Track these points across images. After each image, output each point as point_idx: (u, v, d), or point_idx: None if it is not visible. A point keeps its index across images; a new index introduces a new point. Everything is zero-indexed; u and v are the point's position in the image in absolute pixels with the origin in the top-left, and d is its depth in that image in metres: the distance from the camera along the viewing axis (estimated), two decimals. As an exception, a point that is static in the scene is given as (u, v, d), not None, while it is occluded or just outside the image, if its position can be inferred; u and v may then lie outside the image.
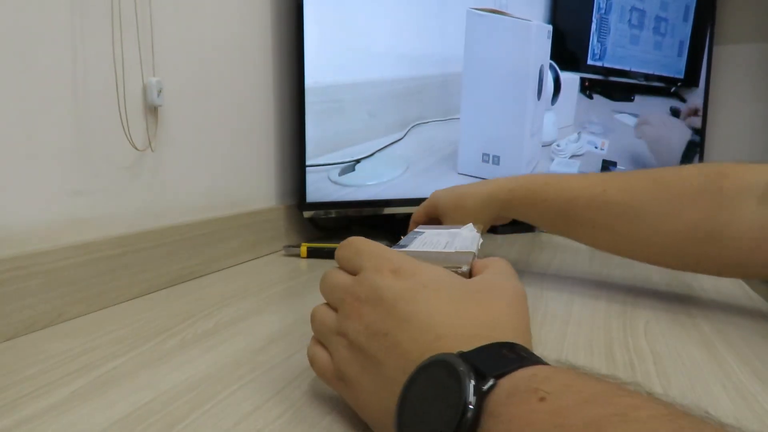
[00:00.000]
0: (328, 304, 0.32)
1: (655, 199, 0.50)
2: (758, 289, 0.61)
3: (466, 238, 0.40)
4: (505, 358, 0.22)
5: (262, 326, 0.46)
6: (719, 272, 0.50)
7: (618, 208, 0.52)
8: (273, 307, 0.52)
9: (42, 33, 0.46)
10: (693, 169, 0.51)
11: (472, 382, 0.20)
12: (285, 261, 0.73)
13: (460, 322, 0.26)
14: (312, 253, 0.76)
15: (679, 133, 1.20)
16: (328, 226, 0.93)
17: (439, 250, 0.37)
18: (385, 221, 0.97)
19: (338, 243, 0.80)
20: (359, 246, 0.32)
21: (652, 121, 1.14)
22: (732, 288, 0.60)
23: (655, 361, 0.39)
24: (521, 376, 0.21)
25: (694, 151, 1.21)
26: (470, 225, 0.48)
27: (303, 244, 0.77)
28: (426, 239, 0.41)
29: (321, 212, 0.84)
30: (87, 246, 0.49)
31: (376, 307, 0.27)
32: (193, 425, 0.29)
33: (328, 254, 0.75)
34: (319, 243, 0.78)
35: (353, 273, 0.31)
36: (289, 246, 0.78)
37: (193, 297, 0.55)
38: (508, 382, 0.20)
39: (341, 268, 0.32)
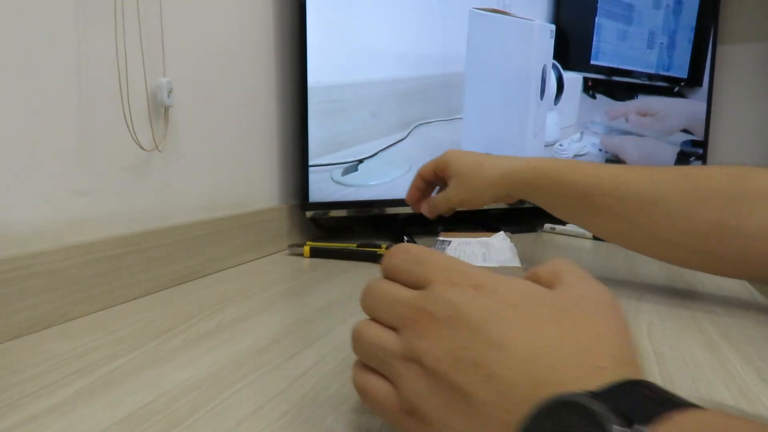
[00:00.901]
0: (375, 320, 0.27)
1: (681, 193, 0.49)
2: (762, 289, 0.61)
3: (503, 249, 0.36)
4: (647, 399, 0.19)
5: (264, 326, 0.46)
6: (737, 273, 0.49)
7: (642, 198, 0.50)
8: (275, 307, 0.52)
9: (48, 33, 0.46)
10: (717, 168, 0.49)
11: (619, 430, 0.17)
12: (288, 261, 0.73)
13: (567, 349, 0.22)
14: (315, 253, 0.76)
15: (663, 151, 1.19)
16: (331, 226, 0.93)
17: (480, 264, 0.34)
18: (388, 221, 0.97)
19: (341, 243, 0.79)
20: (421, 255, 0.27)
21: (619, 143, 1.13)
22: (735, 288, 0.60)
23: (658, 361, 0.38)
24: (679, 422, 0.17)
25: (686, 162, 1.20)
26: (501, 234, 0.44)
27: (307, 243, 0.77)
28: (457, 249, 0.38)
29: (323, 212, 0.84)
30: (90, 246, 0.49)
31: (458, 329, 0.23)
32: (195, 425, 0.29)
33: (332, 254, 0.75)
34: (322, 242, 0.78)
35: (413, 286, 0.26)
36: (294, 245, 0.78)
37: (196, 297, 0.55)
38: (663, 430, 0.17)
39: (394, 279, 0.27)
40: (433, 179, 0.68)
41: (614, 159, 1.11)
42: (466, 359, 0.22)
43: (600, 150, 1.09)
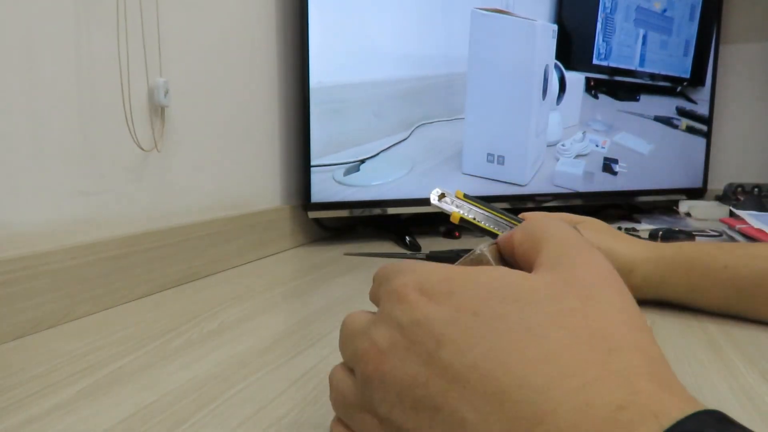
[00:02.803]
0: (345, 363, 0.22)
1: None
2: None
3: None
4: None
5: (266, 326, 0.46)
6: None
7: None
8: (278, 307, 0.52)
9: (47, 34, 0.46)
10: None
11: None
12: (290, 261, 0.73)
13: (568, 370, 0.15)
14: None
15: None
16: (333, 226, 0.93)
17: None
18: (390, 221, 0.97)
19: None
20: (388, 268, 0.21)
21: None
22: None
23: (661, 362, 0.38)
24: None
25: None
26: None
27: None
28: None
29: (326, 212, 0.84)
30: (93, 246, 0.49)
31: (406, 360, 0.17)
32: (198, 425, 0.29)
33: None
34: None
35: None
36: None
37: (199, 297, 0.55)
38: None
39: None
40: None
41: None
42: (424, 402, 0.17)
43: (597, 146, 1.09)
